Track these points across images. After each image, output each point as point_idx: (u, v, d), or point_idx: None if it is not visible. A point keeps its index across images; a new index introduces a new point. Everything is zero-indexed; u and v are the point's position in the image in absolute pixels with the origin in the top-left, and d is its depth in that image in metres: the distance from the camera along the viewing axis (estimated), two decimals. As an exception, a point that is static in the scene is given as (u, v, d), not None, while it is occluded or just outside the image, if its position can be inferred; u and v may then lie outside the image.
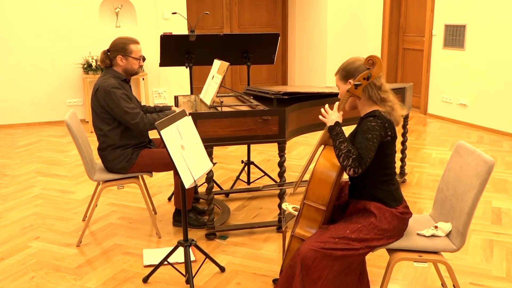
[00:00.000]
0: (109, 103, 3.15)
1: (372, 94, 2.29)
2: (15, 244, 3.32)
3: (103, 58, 3.30)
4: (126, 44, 3.27)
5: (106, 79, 3.21)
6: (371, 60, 2.23)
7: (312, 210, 2.28)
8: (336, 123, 2.27)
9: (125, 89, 3.26)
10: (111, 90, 3.14)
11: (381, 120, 2.21)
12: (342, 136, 2.21)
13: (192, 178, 2.47)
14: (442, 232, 2.35)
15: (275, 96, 3.26)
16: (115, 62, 3.27)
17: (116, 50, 3.26)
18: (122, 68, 3.28)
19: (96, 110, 3.22)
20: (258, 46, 4.13)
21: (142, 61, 3.36)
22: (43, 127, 6.65)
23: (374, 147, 2.17)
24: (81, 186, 4.40)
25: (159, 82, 7.19)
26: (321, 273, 2.12)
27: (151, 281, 2.83)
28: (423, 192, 4.16)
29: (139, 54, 3.31)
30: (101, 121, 3.23)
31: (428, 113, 7.06)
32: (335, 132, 2.24)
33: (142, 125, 3.18)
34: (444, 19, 6.59)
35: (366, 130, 2.19)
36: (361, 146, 2.16)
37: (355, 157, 2.13)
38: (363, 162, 2.13)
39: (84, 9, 6.70)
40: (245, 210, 3.83)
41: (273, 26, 8.53)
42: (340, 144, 2.19)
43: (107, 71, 3.29)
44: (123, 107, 3.14)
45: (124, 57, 3.26)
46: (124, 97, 3.17)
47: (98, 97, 3.19)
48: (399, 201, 2.33)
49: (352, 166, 2.13)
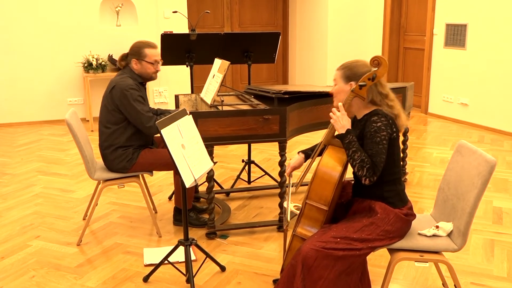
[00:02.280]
0: (124, 103, 3.14)
1: (377, 100, 2.28)
2: (15, 243, 3.31)
3: (120, 59, 3.31)
4: (141, 48, 3.25)
5: (124, 79, 3.20)
6: (376, 60, 2.22)
7: (314, 210, 2.28)
8: (347, 131, 2.23)
9: (142, 91, 3.25)
10: (129, 90, 3.13)
11: (385, 117, 2.21)
12: (355, 145, 2.19)
13: (192, 177, 2.47)
14: (444, 232, 2.34)
15: (276, 95, 3.25)
16: (131, 65, 3.27)
17: (132, 54, 3.27)
18: (137, 71, 3.27)
19: (108, 107, 3.21)
20: (259, 45, 4.12)
21: (159, 65, 3.32)
22: (43, 126, 6.65)
23: (384, 149, 2.17)
24: (82, 185, 4.39)
25: (160, 81, 7.18)
26: (322, 273, 2.11)
27: (151, 280, 2.83)
28: (424, 192, 4.16)
29: (153, 59, 3.27)
30: (110, 119, 3.21)
31: (429, 112, 7.05)
32: (348, 140, 2.21)
33: (155, 129, 3.15)
34: (445, 19, 6.58)
35: (374, 132, 2.18)
36: (372, 152, 2.16)
37: (369, 166, 2.14)
38: (377, 169, 2.15)
39: (85, 8, 6.70)
40: (245, 210, 3.83)
41: (273, 25, 8.52)
42: (353, 153, 2.17)
43: (124, 70, 3.29)
44: (139, 109, 3.14)
45: (138, 60, 3.24)
46: (140, 99, 3.17)
47: (113, 95, 3.17)
48: (404, 202, 2.32)
49: (367, 176, 2.14)
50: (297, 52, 8.56)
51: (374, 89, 2.27)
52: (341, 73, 2.34)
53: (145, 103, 3.24)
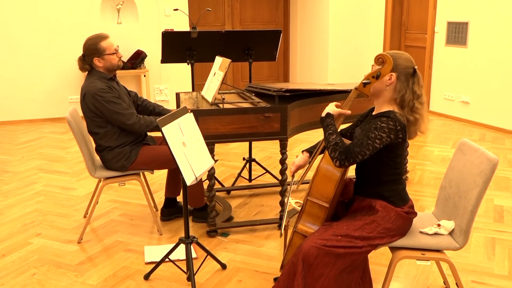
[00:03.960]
0: (98, 107, 3.09)
1: (406, 98, 2.19)
2: (16, 240, 3.31)
3: (81, 65, 3.21)
4: (97, 44, 3.16)
5: (92, 82, 3.13)
6: (381, 58, 2.20)
7: (316, 207, 2.28)
8: (327, 114, 2.27)
9: (114, 88, 3.17)
10: (100, 95, 3.07)
11: (394, 122, 2.15)
12: (331, 128, 2.22)
13: (193, 175, 2.46)
14: (445, 230, 2.34)
15: (277, 93, 3.24)
16: (94, 65, 3.19)
17: (90, 54, 3.17)
18: (102, 68, 3.20)
19: (88, 115, 3.16)
20: (260, 43, 4.11)
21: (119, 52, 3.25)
22: (44, 124, 6.65)
23: (372, 147, 2.13)
24: (82, 183, 4.39)
25: (161, 79, 7.18)
26: (323, 271, 2.11)
27: (152, 278, 2.83)
28: (425, 190, 4.15)
29: (113, 48, 3.21)
30: (94, 125, 3.18)
31: (430, 110, 7.04)
32: (326, 123, 2.25)
33: (138, 126, 3.13)
34: (446, 16, 6.57)
35: (373, 128, 2.14)
36: (356, 141, 2.15)
37: (342, 150, 2.13)
38: (350, 156, 2.11)
39: (86, 5, 6.69)
40: (246, 208, 3.82)
41: (275, 23, 8.50)
42: (329, 135, 2.20)
43: (91, 73, 3.21)
44: (116, 110, 3.08)
45: (100, 57, 3.16)
46: (114, 100, 3.10)
47: (86, 102, 3.12)
48: (405, 200, 2.32)
49: (338, 158, 2.13)
50: (298, 50, 8.55)
51: (410, 86, 2.20)
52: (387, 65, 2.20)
53: (120, 101, 3.14)
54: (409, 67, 2.20)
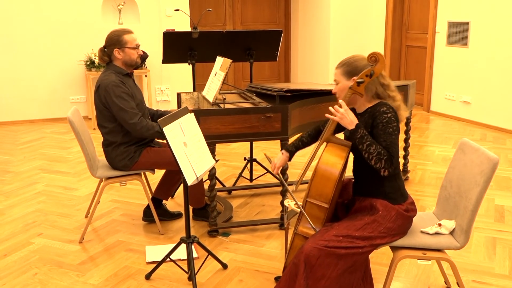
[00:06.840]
0: (108, 100, 3.11)
1: (380, 92, 2.30)
2: (18, 240, 3.32)
3: (100, 55, 3.25)
4: (120, 36, 3.20)
5: (107, 76, 3.16)
6: (374, 57, 2.21)
7: (315, 208, 2.28)
8: (357, 125, 2.20)
9: (128, 85, 3.19)
10: (111, 87, 3.09)
11: (392, 109, 2.24)
12: (368, 139, 2.17)
13: (194, 175, 2.47)
14: (446, 229, 2.34)
15: (278, 93, 3.25)
16: (114, 57, 3.21)
17: (111, 44, 3.20)
18: (121, 61, 3.22)
19: (99, 107, 3.19)
20: (261, 43, 4.12)
21: (140, 50, 3.29)
22: (46, 124, 6.66)
23: (397, 139, 2.20)
24: (84, 183, 4.40)
25: (162, 79, 7.18)
26: (325, 272, 2.11)
27: (153, 277, 2.83)
28: (426, 190, 4.16)
29: (135, 43, 3.24)
30: (104, 118, 3.20)
31: (431, 110, 7.04)
32: (360, 135, 2.19)
33: (140, 127, 3.09)
34: (447, 16, 6.56)
35: (386, 123, 2.19)
36: (387, 143, 2.17)
37: (387, 157, 2.14)
38: (393, 159, 2.16)
39: (87, 6, 6.70)
40: (247, 207, 3.83)
41: (276, 23, 8.51)
42: (368, 147, 2.16)
43: (108, 67, 3.24)
44: (121, 106, 3.08)
45: (120, 49, 3.19)
46: (123, 96, 3.10)
47: (99, 94, 3.15)
48: (405, 196, 2.33)
49: (386, 167, 2.15)
50: (299, 50, 8.56)
51: (376, 81, 2.28)
52: (341, 71, 2.33)
53: (131, 99, 3.15)
54: (367, 65, 2.26)
